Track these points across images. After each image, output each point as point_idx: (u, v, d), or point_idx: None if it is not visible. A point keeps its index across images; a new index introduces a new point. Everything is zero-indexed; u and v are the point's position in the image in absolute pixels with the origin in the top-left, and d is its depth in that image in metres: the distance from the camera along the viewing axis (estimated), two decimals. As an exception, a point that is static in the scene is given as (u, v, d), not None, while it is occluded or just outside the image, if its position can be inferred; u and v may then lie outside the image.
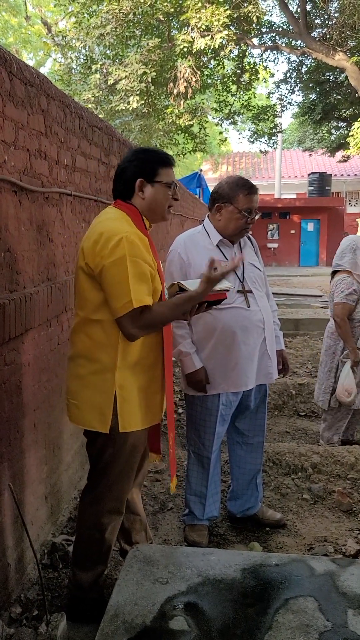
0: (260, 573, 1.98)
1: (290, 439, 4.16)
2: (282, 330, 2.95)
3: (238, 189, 2.52)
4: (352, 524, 2.84)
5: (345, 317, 3.63)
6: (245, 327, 2.55)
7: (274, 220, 22.12)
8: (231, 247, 2.63)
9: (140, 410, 2.00)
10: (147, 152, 2.07)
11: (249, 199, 2.51)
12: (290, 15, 13.19)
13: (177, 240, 2.67)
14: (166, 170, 2.03)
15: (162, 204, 2.04)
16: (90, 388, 1.98)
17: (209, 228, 2.61)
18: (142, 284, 1.89)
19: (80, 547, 2.14)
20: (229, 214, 2.53)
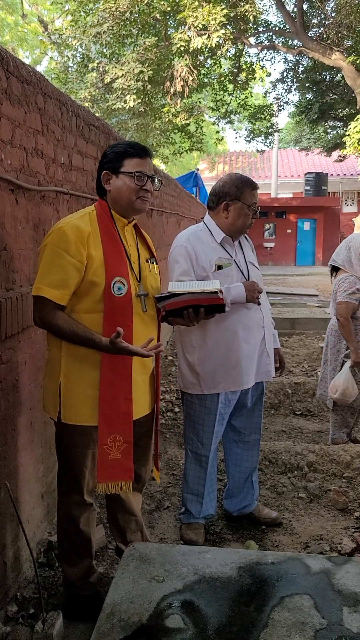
0: (256, 571, 1.99)
1: (287, 437, 4.17)
2: (279, 330, 2.96)
3: (244, 185, 2.56)
4: (348, 522, 2.85)
5: (348, 316, 3.64)
6: (247, 325, 2.56)
7: (270, 219, 22.15)
8: (233, 245, 2.64)
9: (86, 405, 1.95)
10: (118, 145, 2.07)
11: (254, 195, 2.58)
12: (286, 14, 13.19)
13: (181, 236, 2.65)
14: (132, 161, 1.99)
15: (126, 194, 1.99)
16: (47, 376, 2.06)
17: (212, 226, 2.61)
18: (52, 275, 1.87)
19: (62, 542, 2.17)
20: (238, 210, 2.55)
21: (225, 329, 2.51)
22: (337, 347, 3.77)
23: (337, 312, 3.68)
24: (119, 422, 1.97)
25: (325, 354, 3.90)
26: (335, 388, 3.62)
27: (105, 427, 1.95)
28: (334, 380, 3.64)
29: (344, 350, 3.70)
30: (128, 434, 1.99)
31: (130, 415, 2.00)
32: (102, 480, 1.98)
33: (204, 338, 2.55)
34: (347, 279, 3.68)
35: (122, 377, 1.96)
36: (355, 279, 3.66)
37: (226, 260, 2.54)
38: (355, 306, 3.63)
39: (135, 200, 2.01)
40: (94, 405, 1.95)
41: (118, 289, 1.93)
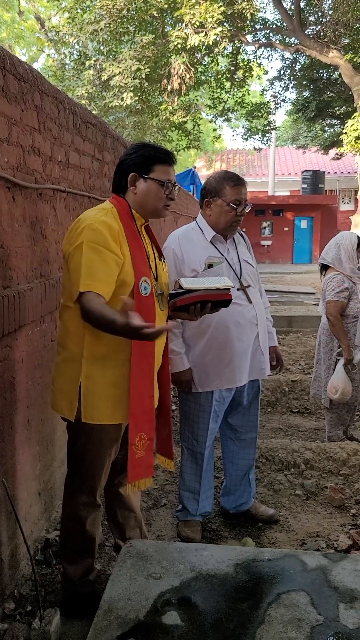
0: (253, 568, 2.00)
1: (283, 435, 4.18)
2: (276, 327, 2.96)
3: (224, 181, 2.53)
4: (344, 519, 2.86)
5: (338, 314, 3.65)
6: (239, 323, 2.56)
7: (267, 217, 22.15)
8: (225, 243, 2.64)
9: (108, 405, 1.95)
10: (146, 147, 2.05)
11: (236, 191, 2.51)
12: (284, 12, 13.18)
13: (171, 237, 2.67)
14: (163, 168, 2.00)
15: (153, 201, 2.01)
16: (62, 375, 2.02)
17: (202, 224, 2.62)
18: (98, 271, 1.83)
19: (65, 540, 2.17)
20: (218, 207, 2.54)
21: (217, 327, 2.51)
22: (330, 345, 3.78)
23: (327, 311, 3.69)
24: (144, 420, 1.99)
25: (318, 353, 3.91)
26: (334, 388, 3.62)
27: (135, 427, 1.96)
28: (331, 380, 3.65)
29: (336, 348, 3.71)
30: (151, 431, 2.02)
31: (152, 412, 2.03)
32: (132, 479, 2.00)
33: (197, 336, 2.56)
34: (335, 277, 3.68)
35: (147, 375, 1.98)
36: (343, 278, 3.66)
37: (217, 259, 2.54)
38: (344, 304, 3.64)
39: (161, 208, 2.04)
40: (116, 404, 1.96)
41: (144, 288, 1.95)
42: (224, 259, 2.59)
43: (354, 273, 3.73)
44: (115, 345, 1.91)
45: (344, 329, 3.66)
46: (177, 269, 2.53)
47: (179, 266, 2.54)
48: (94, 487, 2.08)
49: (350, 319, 3.67)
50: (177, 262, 2.55)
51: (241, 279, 2.61)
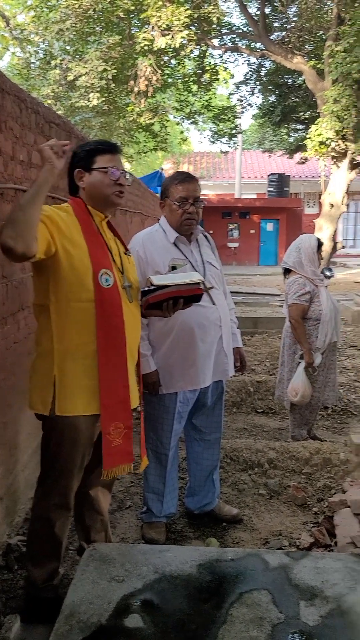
0: (216, 568, 2.01)
1: (248, 435, 4.21)
2: (242, 329, 2.99)
3: (170, 181, 2.57)
4: (306, 517, 2.91)
5: (299, 318, 3.70)
6: (202, 324, 2.57)
7: (234, 219, 22.34)
8: (188, 244, 2.65)
9: (82, 396, 1.97)
10: (85, 144, 2.12)
11: (182, 188, 2.52)
12: (249, 17, 13.32)
13: (135, 239, 2.67)
14: (105, 157, 2.04)
15: (101, 189, 2.03)
16: (37, 372, 2.04)
17: (165, 226, 2.63)
18: None
19: (33, 542, 2.14)
20: (168, 207, 2.57)
21: (181, 329, 2.52)
22: (293, 348, 3.83)
23: (289, 314, 3.75)
24: (119, 409, 2.01)
25: (282, 355, 3.96)
26: (295, 391, 3.68)
27: (108, 417, 1.99)
28: (292, 383, 3.70)
29: (299, 351, 3.77)
30: (128, 420, 2.04)
31: (128, 402, 2.04)
32: (107, 467, 2.02)
33: (161, 338, 2.56)
34: (296, 280, 3.74)
35: (117, 366, 2.00)
36: (305, 281, 3.72)
37: (180, 261, 2.55)
38: (306, 308, 3.69)
39: (111, 195, 2.05)
40: (90, 395, 1.97)
41: (105, 280, 1.98)
42: (188, 260, 2.59)
43: (316, 276, 3.80)
44: (84, 337, 1.95)
45: (306, 332, 3.71)
46: (141, 270, 2.53)
47: (143, 268, 2.54)
48: (67, 487, 2.07)
49: (312, 321, 3.72)
50: (141, 263, 2.55)
51: (205, 281, 2.62)
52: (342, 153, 12.80)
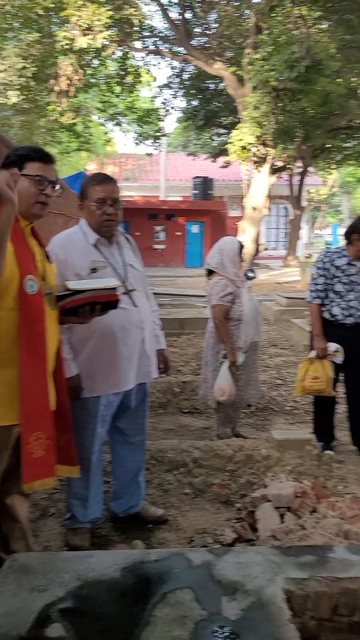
0: (139, 570, 2.00)
1: (174, 435, 4.25)
2: (168, 330, 3.01)
3: (88, 182, 2.56)
4: (230, 513, 2.97)
5: (222, 318, 3.77)
6: (124, 327, 2.57)
7: (160, 221, 22.46)
8: (108, 246, 2.63)
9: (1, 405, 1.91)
10: (22, 148, 2.06)
11: (100, 189, 2.51)
12: (170, 21, 13.46)
13: (54, 241, 2.62)
14: (35, 164, 2.00)
15: (24, 197, 1.96)
16: None
17: (85, 228, 2.60)
18: None
19: None
20: (87, 209, 2.56)
21: (103, 332, 2.50)
22: (216, 348, 3.90)
23: (212, 315, 3.82)
24: (40, 419, 1.95)
25: (206, 355, 4.03)
26: (221, 390, 3.74)
27: (28, 426, 1.92)
28: (218, 382, 3.77)
29: (222, 351, 3.84)
30: (49, 430, 1.97)
31: (49, 410, 1.99)
32: (28, 480, 1.94)
33: (83, 341, 2.53)
34: (219, 282, 3.82)
35: (39, 373, 1.95)
36: (227, 282, 3.81)
37: (101, 263, 2.53)
38: (229, 308, 3.78)
39: (33, 205, 2.00)
40: (8, 404, 1.91)
41: (30, 286, 1.93)
42: (108, 262, 2.58)
43: (237, 277, 3.89)
44: (4, 344, 1.89)
45: (229, 332, 3.79)
46: (60, 273, 2.48)
47: (63, 270, 2.49)
48: None
49: (234, 322, 3.81)
50: (61, 266, 2.50)
51: (126, 283, 2.62)
52: (262, 158, 13.20)
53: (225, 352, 3.79)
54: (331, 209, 44.19)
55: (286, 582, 1.87)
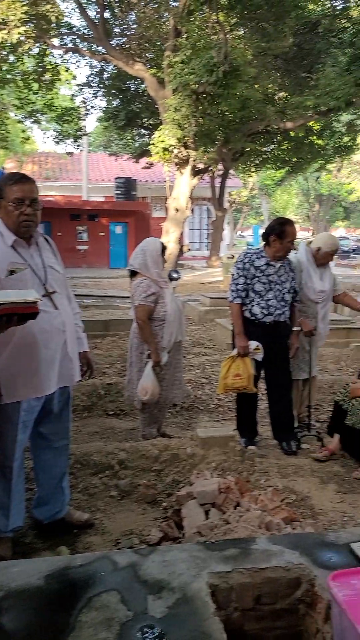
0: (64, 576, 1.98)
1: (99, 438, 4.21)
2: (92, 332, 2.98)
3: (5, 181, 2.50)
4: (156, 513, 2.99)
5: (146, 318, 3.79)
6: (45, 330, 2.52)
7: (82, 222, 22.15)
8: (28, 248, 2.57)
9: None
10: None
11: (17, 189, 2.46)
12: (89, 20, 13.31)
13: None
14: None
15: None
16: None
17: (2, 228, 2.52)
18: None
19: None
20: (4, 209, 2.49)
21: (22, 335, 2.44)
22: (140, 348, 3.92)
23: (136, 315, 3.83)
24: None
25: (130, 356, 4.03)
26: (144, 390, 3.76)
27: None
28: (141, 382, 3.78)
29: (146, 351, 3.86)
30: None
31: None
32: None
33: (1, 345, 2.45)
34: (142, 282, 3.84)
35: None
36: (150, 282, 3.83)
37: (19, 265, 2.47)
38: (152, 308, 3.81)
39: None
40: None
41: None
42: (28, 264, 2.52)
43: (160, 277, 3.92)
44: None
45: (152, 332, 3.81)
46: None
47: None
48: None
49: (157, 322, 3.84)
50: None
51: (46, 285, 2.57)
52: (184, 160, 13.36)
53: (149, 352, 3.81)
54: (252, 211, 45.43)
55: (211, 577, 1.91)
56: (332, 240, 4.30)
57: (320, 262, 4.29)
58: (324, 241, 4.27)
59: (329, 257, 4.29)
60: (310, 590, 1.89)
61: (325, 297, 4.34)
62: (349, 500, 3.25)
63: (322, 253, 4.23)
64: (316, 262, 4.28)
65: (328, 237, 4.36)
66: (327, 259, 4.28)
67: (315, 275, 4.26)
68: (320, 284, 4.27)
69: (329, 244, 4.24)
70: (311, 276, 4.24)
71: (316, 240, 4.36)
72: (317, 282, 4.26)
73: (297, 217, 41.90)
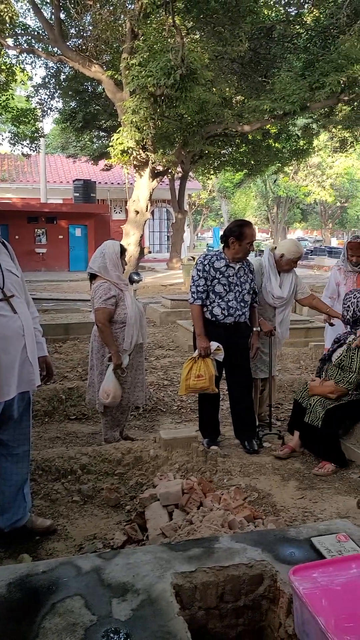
0: (27, 584, 1.95)
1: (61, 443, 4.16)
2: (53, 336, 2.95)
3: None
4: (120, 516, 2.98)
5: (106, 321, 3.78)
6: (4, 335, 2.48)
7: (41, 225, 21.86)
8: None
9: None
10: None
11: None
12: (44, 21, 13.16)
13: None
14: None
15: None
16: None
17: None
18: None
19: None
20: None
21: (-20, 340, 2.41)
22: (101, 351, 3.90)
23: (96, 319, 3.82)
24: None
25: (91, 359, 4.01)
26: (106, 393, 3.74)
27: None
28: (103, 385, 3.76)
29: (107, 354, 3.85)
30: None
31: None
32: None
33: None
34: (102, 285, 3.83)
35: None
36: (110, 285, 3.83)
37: None
38: (112, 311, 3.80)
39: None
40: None
41: None
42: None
43: (120, 280, 3.91)
44: None
45: (113, 335, 3.80)
46: None
47: None
48: None
49: (118, 324, 3.83)
50: None
51: (4, 289, 2.53)
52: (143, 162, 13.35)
53: (110, 355, 3.80)
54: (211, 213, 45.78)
55: (175, 577, 1.93)
56: (296, 248, 4.37)
57: (283, 268, 4.36)
58: (287, 248, 4.35)
59: (292, 264, 4.37)
60: (273, 585, 1.93)
61: (283, 303, 4.42)
62: (309, 496, 3.32)
63: (286, 260, 4.31)
64: (279, 268, 4.35)
65: (292, 245, 4.43)
66: (290, 265, 4.36)
67: (275, 282, 4.33)
68: (279, 291, 4.34)
69: (292, 251, 4.32)
70: (271, 281, 4.31)
71: (280, 246, 4.43)
72: (275, 288, 4.33)
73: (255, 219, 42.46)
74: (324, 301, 4.73)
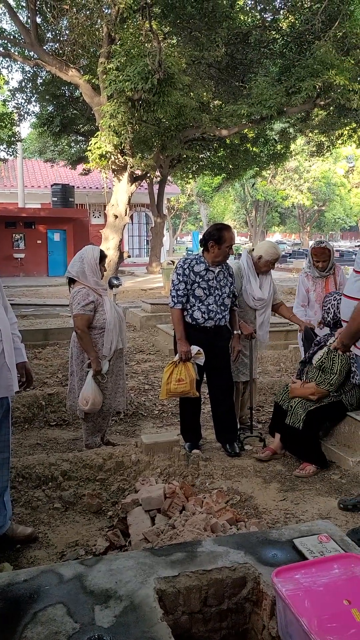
0: (7, 593, 1.92)
1: (42, 450, 4.12)
2: (32, 341, 2.93)
3: None
4: (102, 522, 2.96)
5: (85, 327, 3.75)
6: (-19, 341, 2.45)
7: (18, 229, 21.68)
8: None
9: None
10: None
11: None
12: (20, 24, 13.09)
13: None
14: None
15: None
16: None
17: None
18: None
19: None
20: None
21: None
22: (81, 357, 3.87)
23: (74, 325, 3.79)
24: None
25: (71, 365, 3.98)
26: (85, 400, 3.72)
27: None
28: (82, 392, 3.74)
29: (87, 360, 3.82)
30: None
31: None
32: None
33: None
34: (80, 291, 3.80)
35: None
36: (88, 291, 3.80)
37: None
38: (91, 317, 3.78)
39: None
40: None
41: None
42: None
43: (99, 285, 3.89)
44: None
45: (92, 341, 3.78)
46: None
47: None
48: None
49: (97, 330, 3.81)
50: None
51: None
52: (122, 166, 13.34)
53: (89, 361, 3.78)
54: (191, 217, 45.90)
55: (158, 582, 1.92)
56: (274, 250, 4.41)
57: (261, 270, 4.39)
58: (265, 249, 4.38)
59: (270, 266, 4.40)
60: (256, 588, 1.93)
61: (263, 305, 4.45)
62: (291, 497, 3.33)
63: (264, 261, 4.34)
64: (257, 270, 4.38)
65: (269, 246, 4.46)
66: (268, 267, 4.39)
67: (255, 283, 4.36)
68: (259, 292, 4.37)
69: (270, 253, 4.35)
70: (251, 283, 4.34)
71: (258, 248, 4.46)
72: (256, 289, 4.36)
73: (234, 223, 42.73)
74: (295, 310, 4.80)
